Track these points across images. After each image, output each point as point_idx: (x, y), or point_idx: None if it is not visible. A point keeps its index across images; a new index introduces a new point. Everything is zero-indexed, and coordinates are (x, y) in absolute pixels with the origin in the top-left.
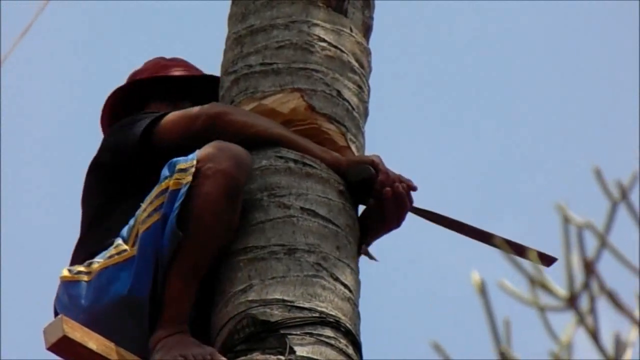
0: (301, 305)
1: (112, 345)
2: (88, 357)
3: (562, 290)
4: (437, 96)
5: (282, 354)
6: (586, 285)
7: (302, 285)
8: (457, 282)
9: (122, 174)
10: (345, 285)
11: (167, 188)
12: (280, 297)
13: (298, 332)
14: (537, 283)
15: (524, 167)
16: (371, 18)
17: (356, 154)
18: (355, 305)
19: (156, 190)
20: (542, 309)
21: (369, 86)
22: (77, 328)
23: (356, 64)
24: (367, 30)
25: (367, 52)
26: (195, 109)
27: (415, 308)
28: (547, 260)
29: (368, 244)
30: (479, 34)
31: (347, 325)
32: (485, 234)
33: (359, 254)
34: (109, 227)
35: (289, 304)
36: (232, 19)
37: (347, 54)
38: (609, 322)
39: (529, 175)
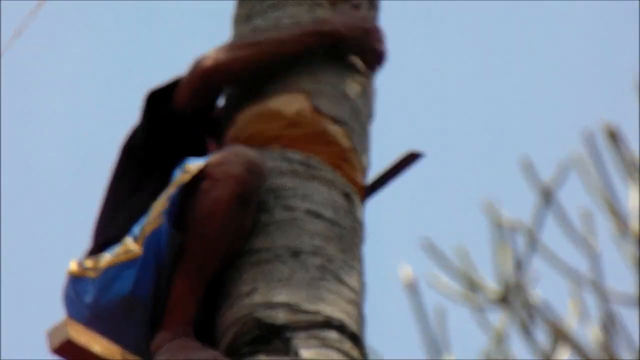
0: (306, 308)
1: (116, 349)
2: None
3: (494, 287)
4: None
5: (288, 356)
6: (518, 284)
7: (308, 288)
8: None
9: (146, 154)
10: (351, 288)
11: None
12: (286, 299)
13: (303, 335)
14: (469, 281)
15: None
16: (377, 19)
17: (361, 155)
18: (360, 307)
19: (167, 190)
20: (475, 304)
21: (374, 87)
22: (81, 332)
23: (362, 65)
24: None
25: None
26: (191, 69)
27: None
28: (415, 157)
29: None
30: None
31: (353, 328)
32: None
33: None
34: (126, 215)
35: (294, 306)
36: (237, 20)
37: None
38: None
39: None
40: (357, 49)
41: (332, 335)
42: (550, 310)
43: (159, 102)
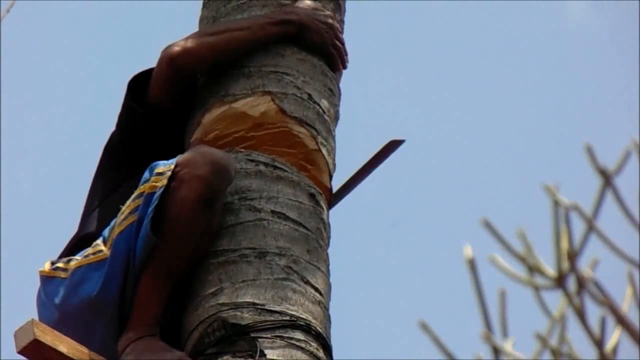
0: (272, 308)
1: (82, 348)
2: None
3: (551, 270)
4: (414, 93)
5: (253, 357)
6: (575, 267)
7: (273, 289)
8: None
9: (125, 153)
10: (316, 289)
11: (144, 191)
12: (251, 300)
13: (269, 336)
14: (527, 263)
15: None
16: (342, 21)
17: (327, 157)
18: (326, 308)
19: (135, 193)
20: (534, 286)
21: (339, 89)
22: (47, 331)
23: (327, 67)
24: None
25: None
26: (160, 58)
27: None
28: (398, 143)
29: None
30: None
31: (318, 328)
32: (358, 174)
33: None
34: (101, 216)
35: (259, 307)
36: (203, 22)
37: (317, 57)
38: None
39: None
40: (320, 42)
41: (298, 335)
42: (606, 293)
43: (137, 97)
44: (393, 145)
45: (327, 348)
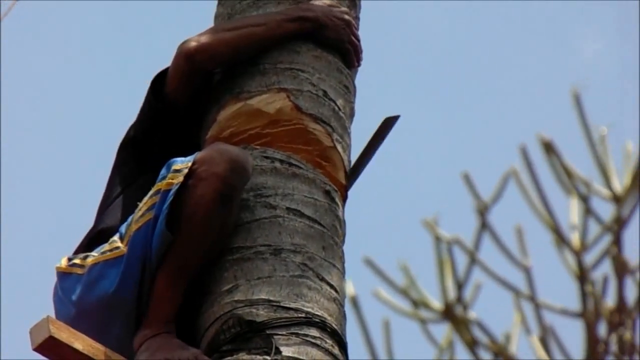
0: (287, 305)
1: (98, 345)
2: (74, 358)
3: (437, 303)
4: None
5: (268, 354)
6: (459, 299)
7: (288, 286)
8: None
9: (142, 148)
10: (331, 286)
11: (161, 188)
12: (266, 297)
13: (284, 333)
14: (410, 296)
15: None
16: (357, 18)
17: (342, 154)
18: (341, 305)
19: (153, 190)
20: (420, 319)
21: (355, 86)
22: (63, 329)
23: (342, 64)
24: None
25: None
26: (176, 53)
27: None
28: (393, 120)
29: None
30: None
31: (333, 325)
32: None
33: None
34: (117, 210)
35: (275, 304)
36: (219, 19)
37: (333, 54)
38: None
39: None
40: (336, 38)
41: (313, 332)
42: (487, 327)
43: (157, 93)
44: (389, 123)
45: (342, 345)
